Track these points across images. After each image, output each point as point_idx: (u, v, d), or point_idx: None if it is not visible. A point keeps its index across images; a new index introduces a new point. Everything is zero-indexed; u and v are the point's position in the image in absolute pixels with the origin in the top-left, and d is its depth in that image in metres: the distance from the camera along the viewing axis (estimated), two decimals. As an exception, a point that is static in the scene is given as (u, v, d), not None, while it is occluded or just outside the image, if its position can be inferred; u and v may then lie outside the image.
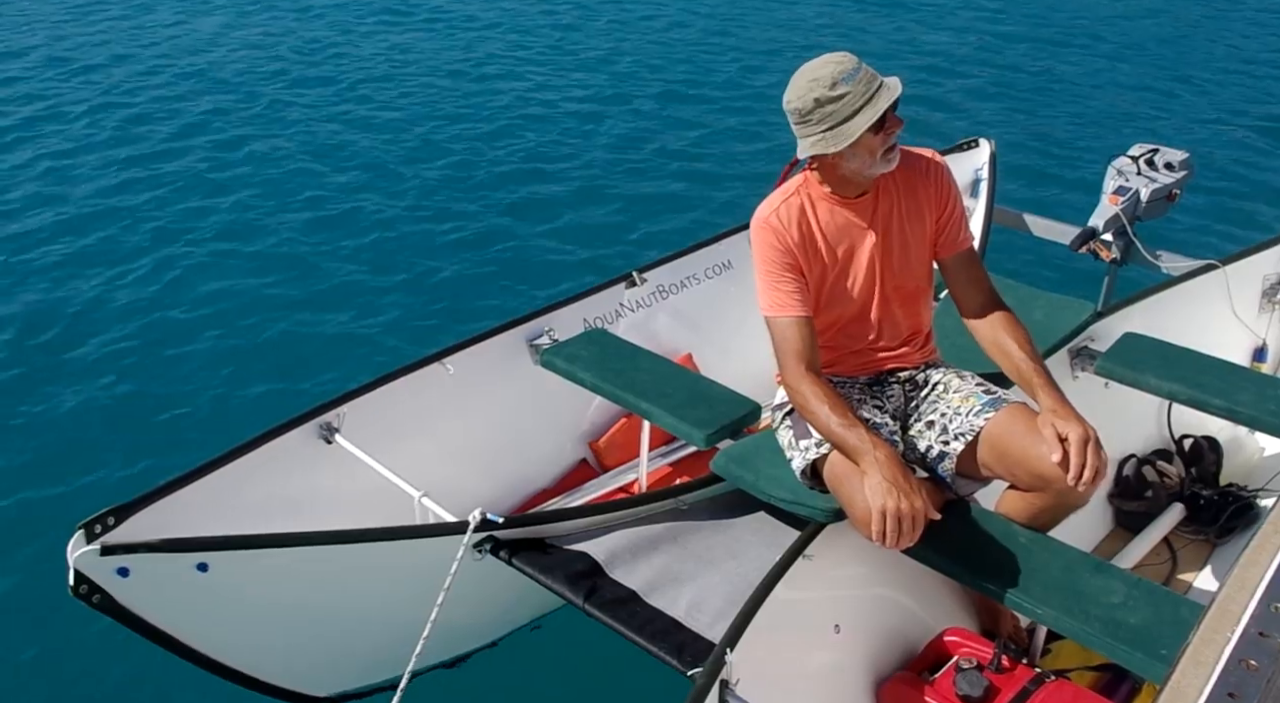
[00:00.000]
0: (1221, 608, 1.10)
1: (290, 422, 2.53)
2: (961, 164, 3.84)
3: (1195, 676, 1.01)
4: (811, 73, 1.96)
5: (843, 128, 1.93)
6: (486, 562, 2.28)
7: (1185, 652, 1.04)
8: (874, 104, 1.92)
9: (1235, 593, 1.11)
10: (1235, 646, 1.04)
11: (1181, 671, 1.01)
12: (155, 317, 4.50)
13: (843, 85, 1.91)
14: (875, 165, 2.00)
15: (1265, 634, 1.05)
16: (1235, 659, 1.02)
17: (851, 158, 1.98)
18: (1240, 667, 1.01)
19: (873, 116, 1.91)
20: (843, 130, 1.93)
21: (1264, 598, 1.10)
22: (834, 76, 1.92)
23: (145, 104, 7.14)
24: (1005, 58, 8.46)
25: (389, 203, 5.69)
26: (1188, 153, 3.64)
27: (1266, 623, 1.07)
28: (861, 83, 1.92)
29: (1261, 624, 1.06)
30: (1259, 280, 3.32)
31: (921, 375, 2.27)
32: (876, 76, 1.96)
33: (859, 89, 1.92)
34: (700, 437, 2.46)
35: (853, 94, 1.92)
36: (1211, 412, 2.52)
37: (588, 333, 2.96)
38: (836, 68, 1.93)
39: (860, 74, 1.93)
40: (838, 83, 1.92)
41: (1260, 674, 1.00)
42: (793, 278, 2.07)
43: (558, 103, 7.36)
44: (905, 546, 1.89)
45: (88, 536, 2.02)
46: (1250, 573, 1.14)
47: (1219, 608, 1.10)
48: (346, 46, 8.53)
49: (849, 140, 1.93)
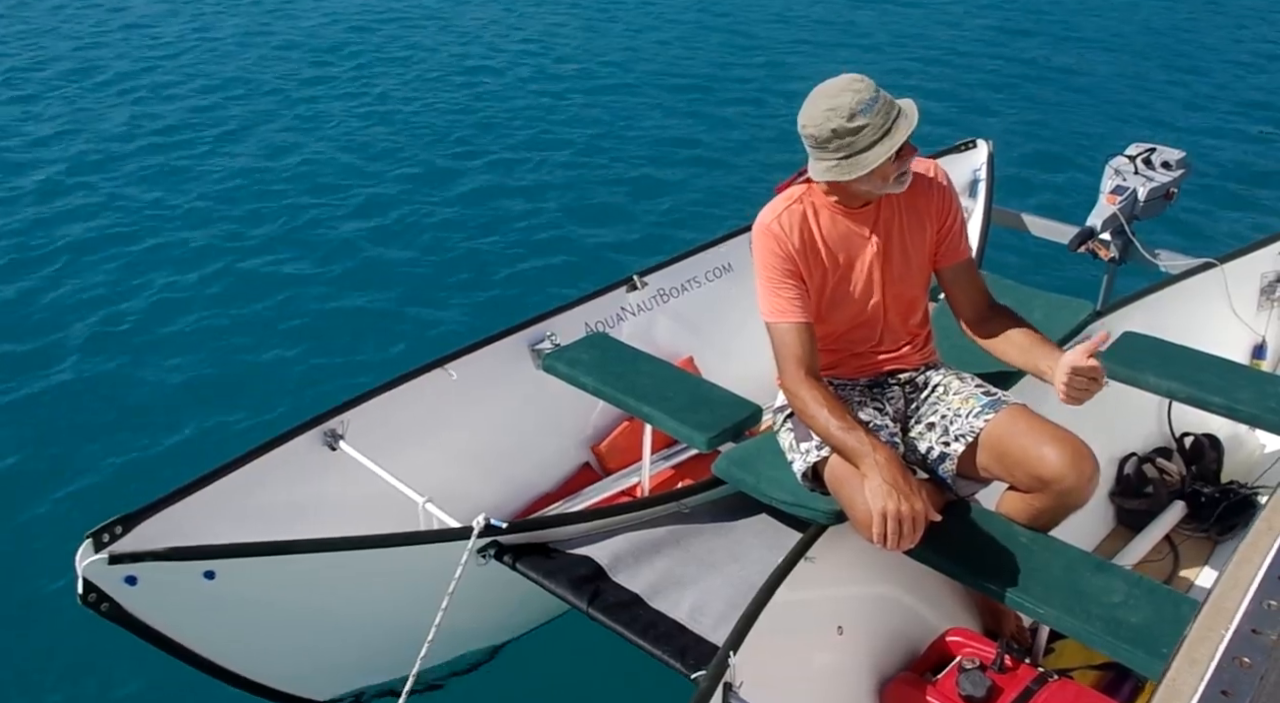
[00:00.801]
0: (1216, 605, 1.10)
1: (294, 429, 2.54)
2: (960, 165, 3.86)
3: (1190, 674, 1.01)
4: (829, 99, 1.92)
5: (859, 158, 1.92)
6: (490, 567, 2.29)
7: (1180, 650, 1.04)
8: (891, 137, 1.90)
9: (1229, 590, 1.12)
10: (1229, 643, 1.04)
11: (1176, 669, 1.02)
12: (159, 325, 4.52)
13: (861, 117, 1.89)
14: (887, 187, 2.01)
15: (1258, 631, 1.05)
16: (1229, 657, 1.02)
17: (864, 182, 1.98)
18: (1234, 664, 1.01)
19: (890, 149, 1.90)
20: (859, 160, 1.92)
21: (1257, 595, 1.10)
22: (852, 107, 1.89)
23: (134, 113, 7.17)
24: (1003, 59, 8.48)
25: (389, 212, 5.70)
26: (1184, 152, 3.65)
27: (1260, 620, 1.07)
28: (879, 114, 1.90)
29: (1255, 621, 1.06)
30: (1257, 278, 3.32)
31: (921, 377, 2.28)
32: (894, 104, 1.94)
33: (877, 121, 1.90)
34: (702, 440, 2.47)
35: (871, 126, 1.90)
36: (1211, 409, 2.53)
37: (589, 337, 2.97)
38: (855, 98, 1.90)
39: (878, 104, 1.91)
40: (856, 114, 1.89)
41: (1254, 672, 1.00)
42: (793, 284, 2.09)
43: (556, 108, 7.38)
44: (906, 547, 1.90)
45: (96, 544, 2.04)
46: (1244, 570, 1.14)
47: (1213, 605, 1.10)
48: (328, 67, 8.52)
49: (865, 170, 1.92)
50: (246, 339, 4.41)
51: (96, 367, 4.20)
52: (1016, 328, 2.13)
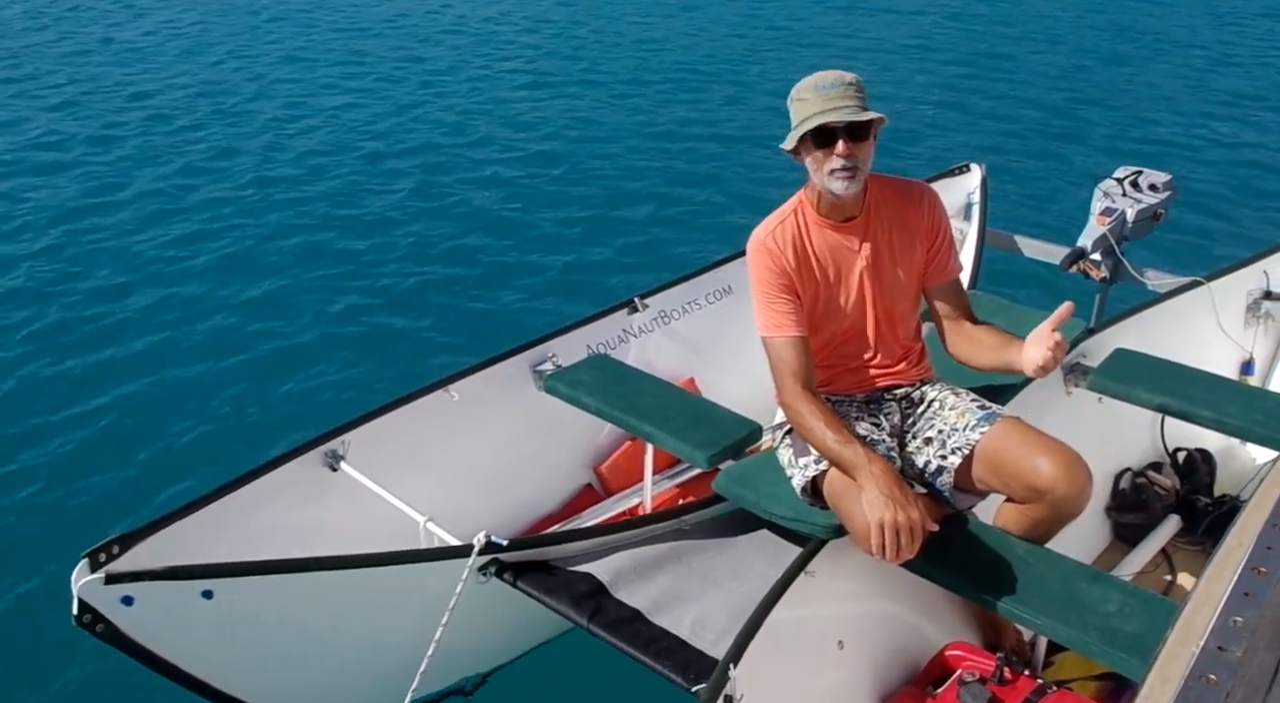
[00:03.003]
0: (1187, 623, 1.10)
1: (295, 449, 2.55)
2: (954, 188, 3.91)
3: (1161, 693, 1.01)
4: (810, 77, 2.06)
5: (795, 131, 2.04)
6: (492, 585, 2.30)
7: (1153, 667, 1.04)
8: (823, 116, 1.98)
9: (1200, 607, 1.12)
10: (1196, 662, 1.04)
11: (1149, 686, 1.02)
12: (161, 344, 4.55)
13: (812, 92, 2.01)
14: (824, 180, 2.07)
15: (1224, 649, 1.05)
16: (1196, 675, 1.02)
17: (810, 166, 2.08)
18: (1200, 683, 1.01)
19: (811, 126, 1.99)
20: (793, 132, 2.04)
21: (1223, 612, 1.10)
22: (814, 83, 2.03)
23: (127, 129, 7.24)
24: (995, 85, 8.63)
25: (392, 232, 5.75)
26: (1171, 175, 3.72)
27: (1225, 637, 1.07)
28: (831, 98, 1.99)
29: (1220, 639, 1.07)
30: (1243, 296, 3.37)
31: (918, 393, 2.32)
32: (856, 100, 2.01)
33: (819, 101, 2.00)
34: (702, 458, 2.49)
35: (812, 102, 2.01)
36: (1202, 424, 2.56)
37: (591, 358, 3.00)
38: (822, 77, 2.03)
39: (837, 89, 2.00)
40: (809, 88, 2.02)
41: (1219, 688, 1.00)
42: (788, 299, 2.13)
43: (559, 133, 7.46)
44: (905, 558, 1.92)
45: (92, 564, 2.02)
46: (1214, 587, 1.15)
47: (1184, 623, 1.10)
48: (320, 90, 8.60)
49: (789, 144, 2.06)
50: (247, 358, 4.44)
51: (95, 386, 4.22)
52: (984, 330, 2.19)
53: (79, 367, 4.37)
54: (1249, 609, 1.12)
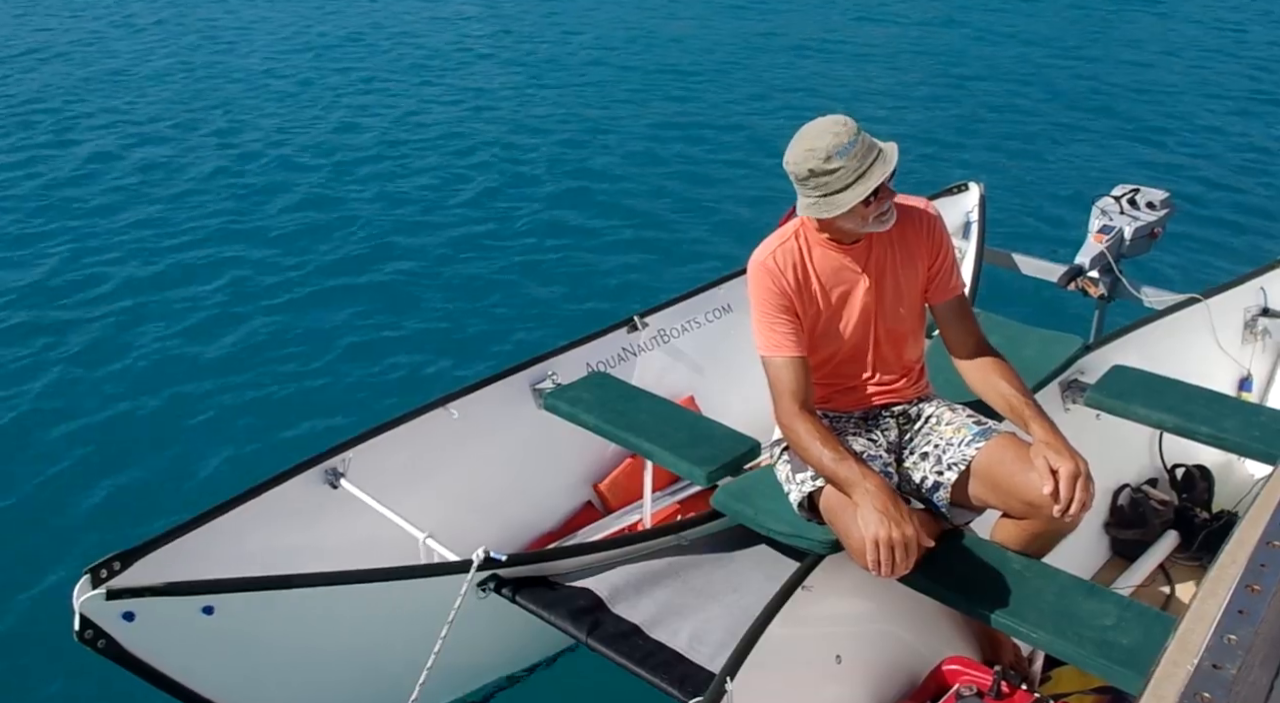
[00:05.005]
0: (1181, 640, 1.09)
1: (296, 467, 2.57)
2: (952, 207, 3.94)
3: None
4: (810, 140, 2.00)
5: (835, 199, 1.99)
6: (491, 601, 2.31)
7: (1148, 686, 1.04)
8: (865, 180, 1.96)
9: (1195, 624, 1.11)
10: (1190, 680, 1.03)
11: None
12: (161, 360, 4.57)
13: (837, 159, 1.96)
14: (867, 226, 2.07)
15: (1218, 666, 1.04)
16: (1190, 693, 1.01)
17: (846, 220, 2.05)
18: (1195, 701, 1.01)
19: (862, 193, 1.97)
20: (834, 200, 1.99)
21: (1218, 630, 1.09)
22: (829, 149, 1.96)
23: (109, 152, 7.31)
24: (993, 106, 8.69)
25: (393, 250, 5.79)
26: (1168, 192, 3.75)
27: (1220, 655, 1.05)
28: (856, 157, 1.96)
29: (1215, 656, 1.06)
30: (1240, 312, 3.39)
31: (914, 409, 2.33)
32: (875, 146, 2.01)
33: (852, 164, 1.96)
34: (701, 474, 2.51)
35: (845, 169, 1.96)
36: (1199, 440, 2.57)
37: (590, 376, 3.01)
38: (833, 141, 1.97)
39: (856, 147, 1.97)
40: (832, 156, 1.96)
41: None
42: (788, 319, 2.15)
43: (558, 150, 7.52)
44: (900, 573, 1.93)
45: (94, 580, 2.04)
46: (1208, 605, 1.14)
47: (1179, 641, 1.09)
48: (315, 107, 8.67)
49: (839, 211, 2.00)
50: (248, 376, 4.46)
51: (96, 402, 4.24)
52: (1005, 383, 2.15)
53: (80, 382, 4.39)
54: (1243, 627, 1.11)
